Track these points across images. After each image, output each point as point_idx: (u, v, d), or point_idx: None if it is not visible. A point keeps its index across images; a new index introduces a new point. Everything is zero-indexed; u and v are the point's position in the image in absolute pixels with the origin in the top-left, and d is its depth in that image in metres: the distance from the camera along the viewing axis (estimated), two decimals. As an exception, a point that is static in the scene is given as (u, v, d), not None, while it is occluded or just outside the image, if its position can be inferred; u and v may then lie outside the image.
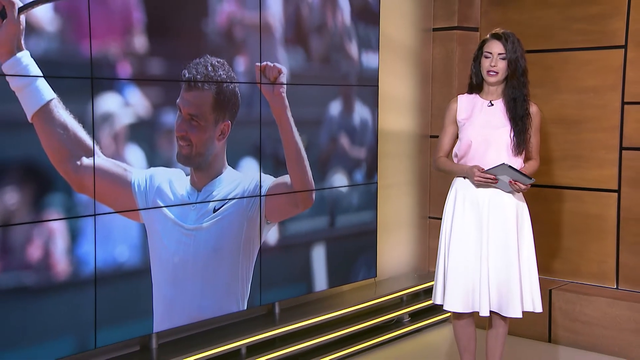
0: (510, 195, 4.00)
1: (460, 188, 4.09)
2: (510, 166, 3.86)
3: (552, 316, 5.41)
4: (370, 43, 5.22)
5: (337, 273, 5.14)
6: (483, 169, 3.92)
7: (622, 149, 5.43)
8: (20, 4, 3.33)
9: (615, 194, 5.48)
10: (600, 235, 5.56)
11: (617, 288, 5.50)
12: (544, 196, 5.77)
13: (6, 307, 3.43)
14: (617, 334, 5.15)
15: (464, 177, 4.07)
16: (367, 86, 5.22)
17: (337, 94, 5.01)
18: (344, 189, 5.11)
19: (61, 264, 3.61)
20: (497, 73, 3.98)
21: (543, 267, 5.74)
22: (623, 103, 5.41)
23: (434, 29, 6.12)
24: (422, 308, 5.72)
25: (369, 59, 5.22)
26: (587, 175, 5.60)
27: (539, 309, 4.08)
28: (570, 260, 5.71)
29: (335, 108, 5.00)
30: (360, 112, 5.18)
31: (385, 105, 5.57)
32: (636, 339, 5.08)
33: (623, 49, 5.39)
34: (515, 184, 3.90)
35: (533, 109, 4.06)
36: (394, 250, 6.01)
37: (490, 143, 4.00)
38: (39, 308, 3.56)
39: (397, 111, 5.89)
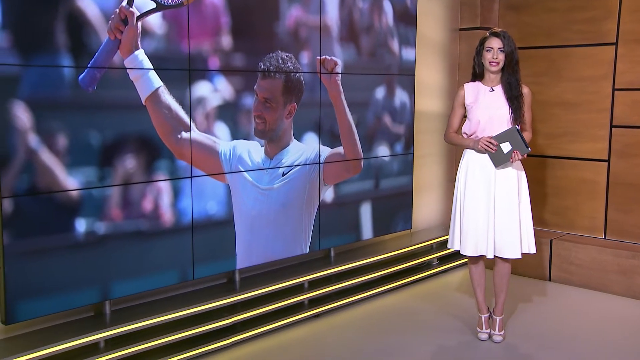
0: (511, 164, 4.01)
1: (471, 158, 4.08)
2: (518, 130, 3.85)
3: (552, 260, 5.40)
4: (409, 40, 5.19)
5: (380, 225, 5.16)
6: (490, 137, 3.94)
7: (612, 126, 5.38)
8: (138, 14, 3.42)
9: (606, 163, 5.44)
10: (593, 196, 5.53)
11: (604, 238, 5.47)
12: (547, 165, 5.75)
13: (128, 246, 3.55)
14: (603, 275, 5.15)
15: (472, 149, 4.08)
16: (406, 75, 5.20)
17: (381, 81, 4.99)
18: (386, 158, 5.11)
19: (167, 215, 3.71)
20: (498, 63, 3.96)
21: (546, 221, 5.78)
22: (614, 89, 5.34)
23: (461, 29, 6.06)
24: (448, 254, 5.71)
25: (408, 53, 5.19)
26: (583, 147, 5.55)
27: (533, 250, 4.10)
28: (568, 216, 5.69)
29: (380, 93, 5.00)
30: (400, 96, 5.17)
31: (420, 91, 5.56)
32: (618, 278, 5.07)
33: (614, 46, 5.32)
34: (515, 152, 3.89)
35: (525, 90, 4.03)
36: (426, 207, 6.01)
37: (494, 120, 3.98)
38: (151, 247, 3.66)
39: (430, 95, 5.85)
